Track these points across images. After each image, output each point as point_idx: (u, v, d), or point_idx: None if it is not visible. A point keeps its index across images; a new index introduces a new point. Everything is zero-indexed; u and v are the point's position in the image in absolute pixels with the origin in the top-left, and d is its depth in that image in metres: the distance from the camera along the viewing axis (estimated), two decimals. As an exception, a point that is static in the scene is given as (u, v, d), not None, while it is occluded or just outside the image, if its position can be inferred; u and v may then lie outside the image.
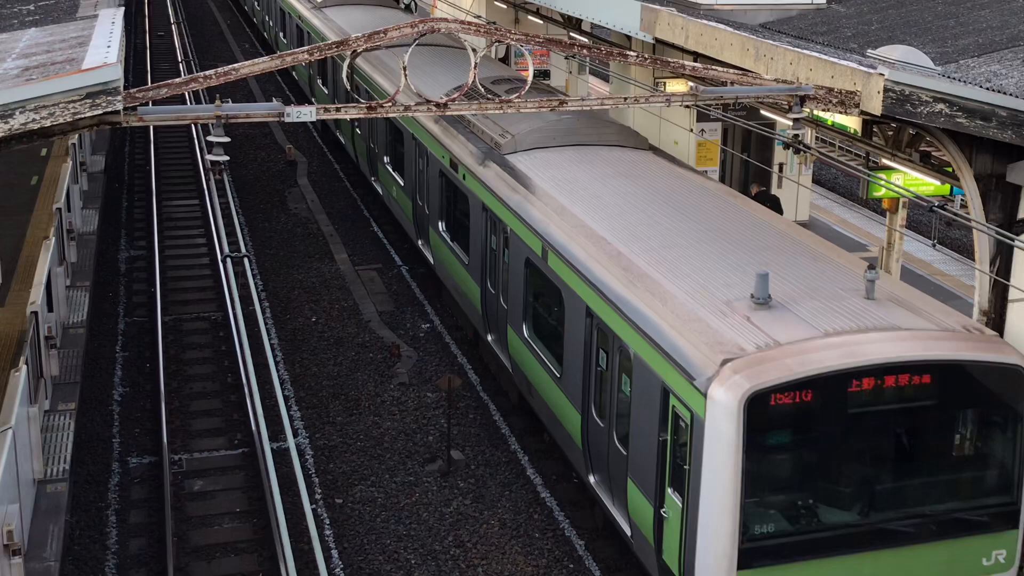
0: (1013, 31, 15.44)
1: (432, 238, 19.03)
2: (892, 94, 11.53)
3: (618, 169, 15.31)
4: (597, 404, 12.38)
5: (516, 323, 14.84)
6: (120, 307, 19.97)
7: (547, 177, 15.03)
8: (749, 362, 9.82)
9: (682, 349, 10.41)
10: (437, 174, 18.35)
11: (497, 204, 15.28)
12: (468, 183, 16.54)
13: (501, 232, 15.22)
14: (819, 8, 18.97)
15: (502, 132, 16.65)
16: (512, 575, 12.55)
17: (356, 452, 15.13)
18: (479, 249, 16.23)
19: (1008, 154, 12.12)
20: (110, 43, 11.76)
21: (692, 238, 12.72)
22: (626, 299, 11.59)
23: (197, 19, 54.93)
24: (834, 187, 29.20)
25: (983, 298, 12.58)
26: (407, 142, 20.45)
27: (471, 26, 11.74)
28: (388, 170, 22.30)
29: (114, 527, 13.37)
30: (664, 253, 12.31)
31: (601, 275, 12.20)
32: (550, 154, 16.00)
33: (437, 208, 18.54)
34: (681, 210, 13.65)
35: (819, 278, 11.47)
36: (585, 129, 16.50)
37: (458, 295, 17.91)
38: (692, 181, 15.06)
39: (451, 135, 17.83)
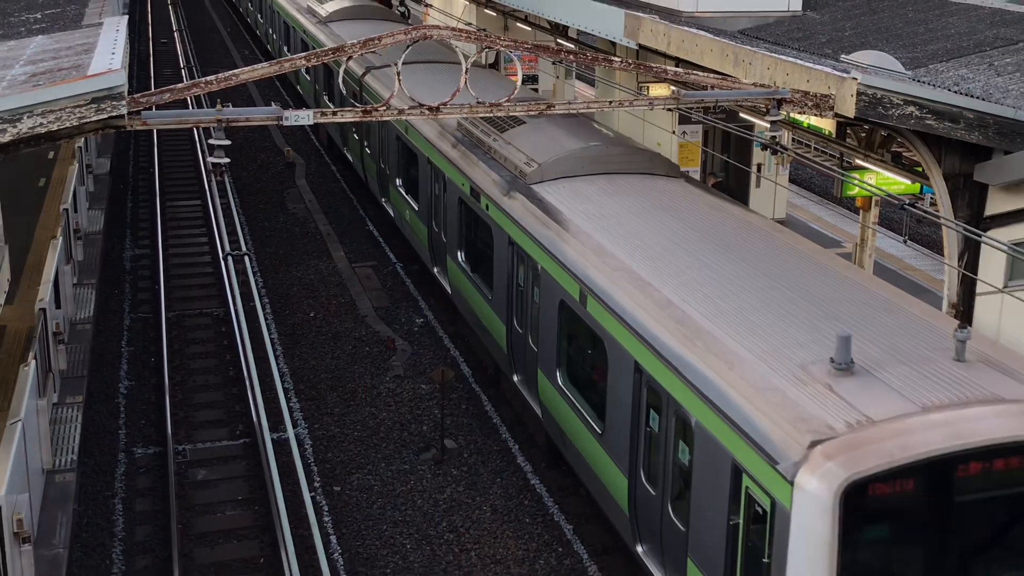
0: (980, 37, 15.49)
1: (450, 267, 17.50)
2: (865, 97, 11.57)
3: (655, 201, 13.69)
4: (647, 469, 10.83)
5: (548, 368, 13.30)
6: (125, 304, 19.92)
7: (579, 211, 13.46)
8: (842, 445, 8.23)
9: (757, 424, 8.84)
10: (456, 201, 16.81)
11: (525, 239, 13.82)
12: (492, 214, 15.03)
13: (531, 269, 13.75)
14: (795, 15, 19.00)
15: (527, 160, 15.07)
16: (504, 559, 12.57)
17: (353, 442, 15.12)
18: (504, 284, 14.72)
19: (975, 154, 12.17)
20: (114, 50, 11.73)
21: (748, 284, 11.06)
22: (684, 358, 9.98)
23: (198, 27, 54.77)
24: (810, 186, 29.25)
25: (952, 292, 12.62)
26: (422, 165, 18.91)
27: (462, 33, 11.74)
28: (400, 192, 20.76)
29: (121, 515, 13.35)
30: (721, 304, 10.65)
31: (652, 328, 10.63)
32: (580, 184, 14.40)
33: (456, 237, 16.97)
34: (729, 249, 12.04)
35: (899, 334, 9.82)
36: (615, 157, 14.96)
37: (479, 329, 16.38)
38: (734, 215, 13.37)
39: (471, 161, 16.34)
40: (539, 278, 13.46)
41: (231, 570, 12.31)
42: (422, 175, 18.88)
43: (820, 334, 9.80)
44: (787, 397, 8.88)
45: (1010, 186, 11.89)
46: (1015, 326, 11.81)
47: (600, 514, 12.63)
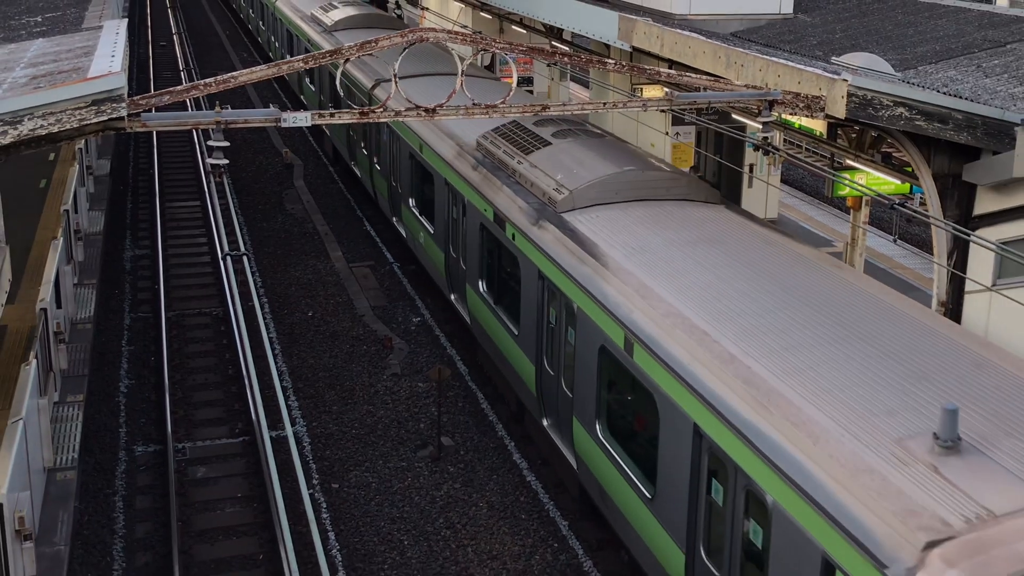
0: (968, 39, 15.49)
1: (470, 297, 16.22)
2: (855, 99, 11.56)
3: (698, 232, 12.36)
4: (707, 545, 9.60)
5: (586, 417, 12.03)
6: (126, 303, 19.87)
7: (618, 244, 12.18)
8: (965, 548, 6.86)
9: (855, 514, 7.52)
10: (477, 227, 15.52)
11: (558, 274, 12.58)
12: (519, 244, 13.78)
13: (564, 307, 12.52)
14: (786, 18, 18.99)
15: (557, 186, 13.78)
16: (500, 554, 12.55)
17: (351, 439, 15.10)
18: (533, 321, 13.51)
19: (964, 155, 12.17)
20: (114, 53, 11.69)
21: (816, 334, 9.66)
22: (757, 427, 8.67)
23: (197, 30, 54.69)
24: (801, 186, 29.27)
25: (941, 290, 12.62)
26: (438, 187, 17.59)
27: (458, 35, 11.71)
28: (414, 214, 19.39)
29: (121, 512, 13.32)
30: (790, 358, 9.28)
31: (715, 388, 9.30)
32: (615, 213, 13.09)
33: (477, 265, 15.68)
34: (788, 290, 10.65)
35: (999, 398, 8.44)
36: (651, 182, 13.65)
37: (502, 364, 15.17)
38: (786, 247, 11.95)
39: (494, 186, 15.09)
40: (575, 318, 12.15)
41: (231, 566, 12.28)
42: (439, 197, 17.57)
43: (911, 398, 8.41)
44: (888, 482, 7.55)
45: (998, 186, 11.89)
46: (1003, 324, 11.81)
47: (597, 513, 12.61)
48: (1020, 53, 14.30)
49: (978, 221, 12.27)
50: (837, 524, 7.60)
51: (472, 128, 17.18)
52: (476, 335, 16.40)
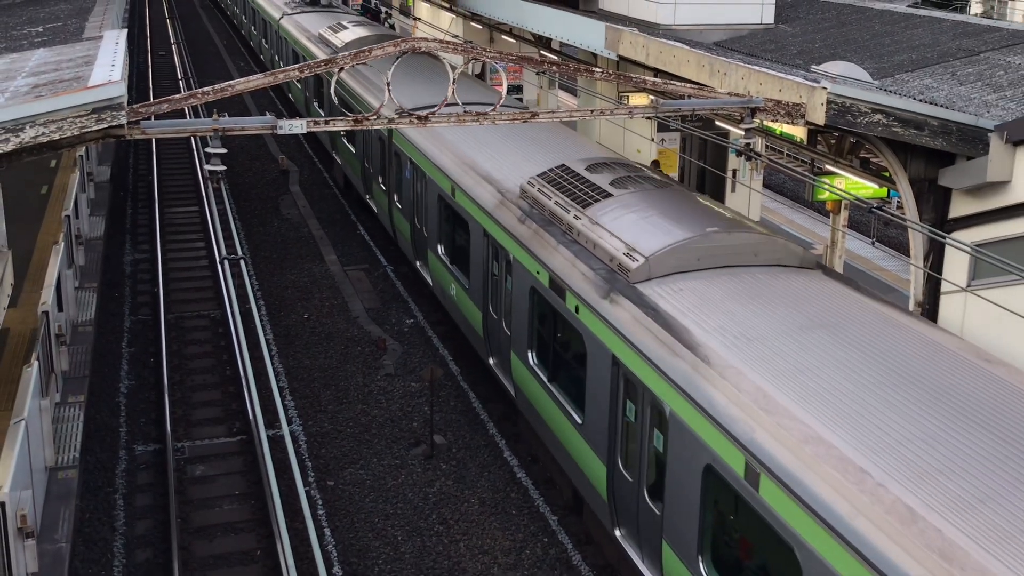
0: (943, 48, 15.57)
1: (516, 367, 13.85)
2: (834, 106, 11.62)
3: (809, 312, 10.01)
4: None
5: (683, 547, 9.54)
6: (126, 306, 19.83)
7: (714, 328, 9.85)
8: None
9: None
10: (526, 291, 13.25)
11: (639, 363, 10.23)
12: (584, 319, 11.48)
13: (649, 405, 10.14)
14: (767, 28, 19.06)
15: (627, 250, 11.43)
16: (491, 549, 12.56)
17: (346, 438, 15.09)
18: (604, 413, 11.10)
19: (939, 160, 12.23)
20: (114, 62, 11.67)
21: (1008, 470, 7.36)
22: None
23: (195, 40, 54.59)
24: (782, 191, 29.35)
25: (918, 291, 12.68)
26: (475, 236, 15.26)
27: (449, 45, 11.73)
28: (443, 262, 17.04)
29: (122, 510, 13.28)
30: (990, 516, 6.88)
31: (893, 557, 6.88)
32: (700, 284, 10.80)
33: (526, 333, 13.36)
34: (947, 400, 8.30)
35: None
36: (738, 245, 11.29)
37: (560, 454, 12.71)
38: (917, 333, 9.65)
39: (547, 245, 12.77)
40: (665, 422, 9.76)
41: (229, 562, 12.26)
42: (476, 248, 15.22)
43: None
44: None
45: (972, 190, 11.95)
46: (978, 324, 11.87)
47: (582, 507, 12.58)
48: (993, 62, 14.38)
49: (953, 224, 12.34)
50: None
51: (513, 171, 15.20)
52: (521, 408, 14.05)
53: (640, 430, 10.38)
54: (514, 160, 15.74)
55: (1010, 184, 11.59)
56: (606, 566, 12.22)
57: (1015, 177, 11.53)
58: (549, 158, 15.62)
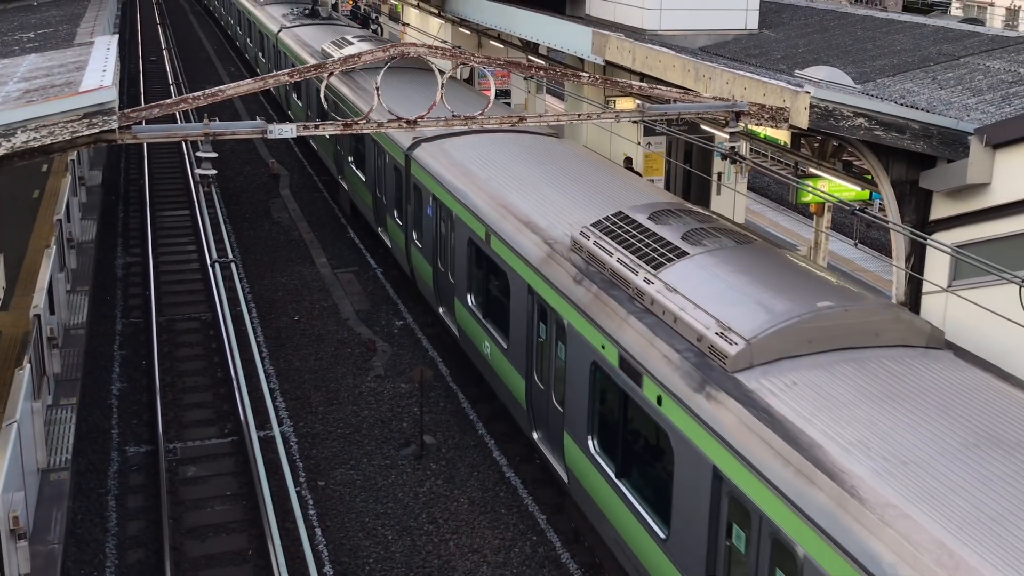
0: (924, 53, 15.65)
1: (571, 452, 11.74)
2: (817, 110, 11.66)
3: (964, 420, 7.96)
4: None
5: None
6: (117, 309, 19.77)
7: (854, 445, 7.75)
8: None
9: None
10: (587, 366, 11.15)
11: (758, 486, 8.12)
12: (671, 415, 9.39)
13: (774, 544, 7.98)
14: (752, 33, 19.12)
15: (721, 329, 9.39)
16: (481, 548, 12.56)
17: (337, 439, 15.07)
18: (702, 535, 8.99)
19: (920, 162, 12.29)
20: (105, 67, 11.65)
21: None
22: None
23: (186, 45, 54.47)
24: (767, 193, 29.44)
25: (900, 291, 12.74)
26: (517, 291, 13.18)
27: (438, 50, 11.74)
28: (475, 315, 14.94)
29: (114, 511, 13.24)
30: None
31: None
32: (816, 375, 8.75)
33: (585, 414, 11.30)
34: None
35: None
36: (856, 323, 9.23)
37: (622, 552, 10.79)
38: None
39: (613, 314, 10.70)
40: (799, 568, 7.64)
41: (220, 562, 12.23)
42: (517, 305, 13.25)
43: None
44: None
45: (953, 192, 12.02)
46: (959, 323, 11.93)
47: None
48: (973, 66, 14.46)
49: (934, 226, 12.40)
50: None
51: (560, 216, 13.31)
52: (577, 499, 11.98)
53: (756, 567, 8.19)
54: (559, 202, 13.72)
55: (990, 186, 11.65)
56: (593, 564, 12.24)
57: (995, 179, 11.60)
58: (600, 201, 13.54)
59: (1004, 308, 10.48)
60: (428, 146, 17.37)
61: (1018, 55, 14.61)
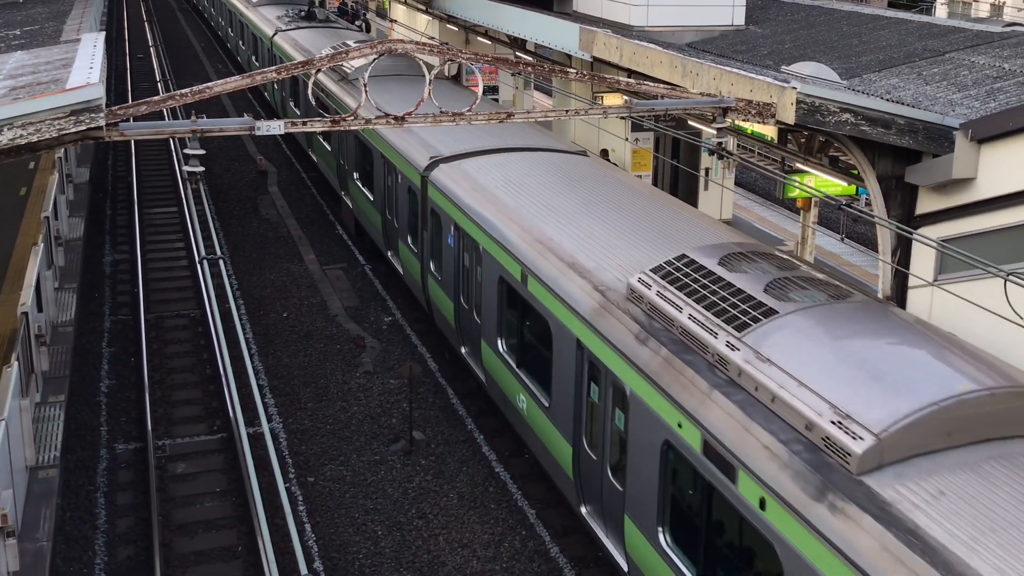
0: (909, 49, 15.67)
1: (635, 544, 10.10)
2: (804, 105, 11.66)
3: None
4: None
5: None
6: (106, 306, 19.66)
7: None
8: None
9: None
10: (659, 446, 9.38)
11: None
12: (777, 523, 7.70)
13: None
14: (738, 29, 19.12)
15: (839, 418, 7.64)
16: (471, 542, 12.54)
17: (326, 435, 15.02)
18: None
19: (906, 157, 12.31)
20: (92, 64, 11.57)
21: None
22: None
23: (173, 42, 54.21)
24: (754, 188, 29.47)
25: (886, 285, 12.76)
26: (561, 342, 11.57)
27: (426, 46, 11.69)
28: (506, 362, 13.39)
29: (103, 508, 13.17)
30: None
31: None
32: (959, 477, 7.12)
33: (655, 500, 9.59)
34: None
35: None
36: (1003, 409, 7.55)
37: None
38: None
39: (690, 386, 9.02)
40: None
41: (210, 558, 12.19)
42: (562, 358, 11.59)
43: None
44: None
45: (938, 187, 12.03)
46: (944, 317, 11.96)
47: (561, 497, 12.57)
48: (958, 61, 14.49)
49: (920, 220, 12.42)
50: None
51: (610, 257, 11.67)
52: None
53: None
54: (605, 238, 12.19)
55: (975, 181, 11.67)
56: (582, 557, 12.22)
57: (979, 174, 11.62)
58: (651, 237, 12.07)
59: (989, 302, 10.50)
60: (447, 167, 15.86)
61: (1002, 50, 14.65)
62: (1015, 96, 12.42)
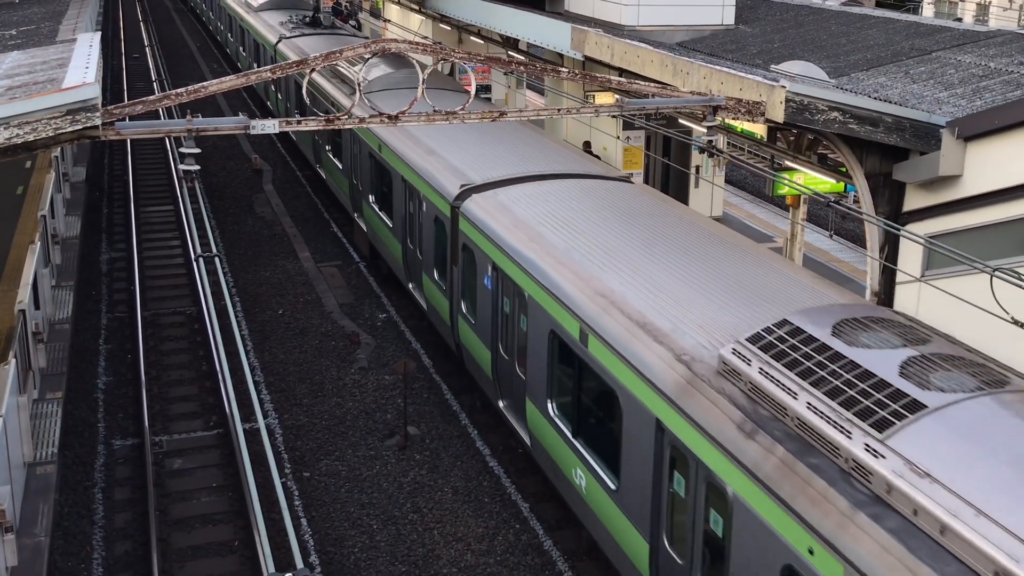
0: (896, 48, 15.74)
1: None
2: (793, 104, 11.71)
3: None
4: None
5: None
6: (102, 304, 19.66)
7: None
8: None
9: None
10: (779, 570, 7.52)
11: None
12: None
13: None
14: (728, 29, 19.17)
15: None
16: (465, 536, 12.58)
17: (321, 430, 15.06)
18: None
19: (894, 155, 12.36)
20: (88, 64, 11.57)
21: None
22: None
23: (169, 42, 54.11)
24: (744, 186, 29.53)
25: (874, 281, 12.82)
26: (633, 420, 9.77)
27: (419, 46, 11.71)
28: (560, 431, 11.62)
29: (100, 504, 13.19)
30: None
31: None
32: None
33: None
34: None
35: None
36: None
37: None
38: None
39: (828, 504, 7.09)
40: None
41: (207, 552, 12.22)
42: (635, 438, 9.77)
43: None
44: None
45: (925, 184, 12.10)
46: (931, 312, 12.02)
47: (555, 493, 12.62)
48: (944, 60, 14.55)
49: (907, 217, 12.48)
50: None
51: (691, 318, 9.90)
52: None
53: None
54: (679, 293, 10.41)
55: (961, 178, 11.74)
56: (576, 551, 12.28)
57: (966, 171, 11.69)
58: (739, 292, 10.36)
59: (976, 297, 10.57)
60: (480, 198, 14.19)
61: (988, 49, 14.72)
62: (1000, 94, 12.49)
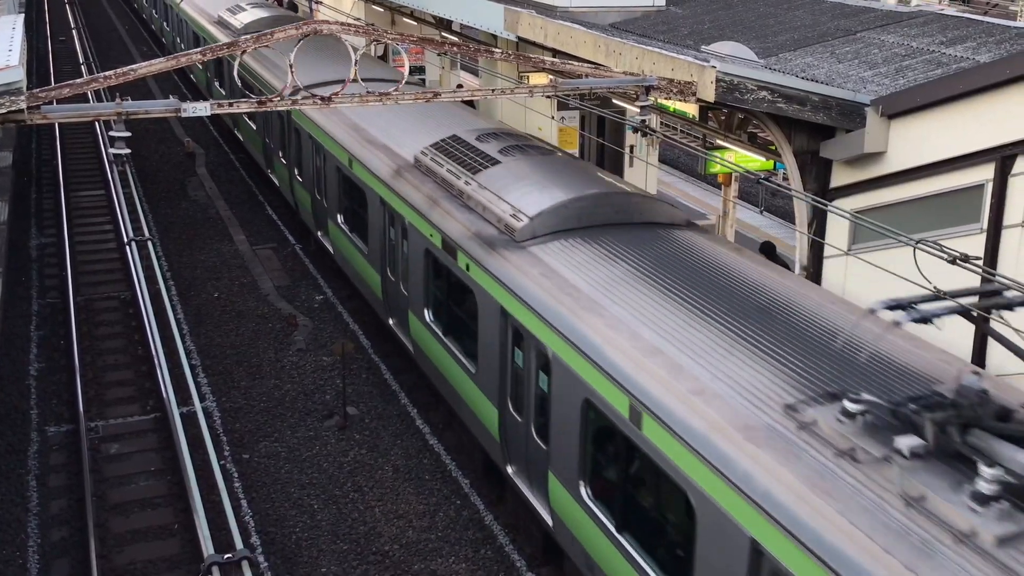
0: (823, 28, 15.98)
1: None
2: (723, 84, 11.84)
3: None
4: None
5: None
6: (33, 290, 19.20)
7: None
8: None
9: None
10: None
11: None
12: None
13: None
14: (659, 10, 19.28)
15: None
16: (406, 513, 12.59)
17: (260, 412, 14.92)
18: None
19: (821, 133, 12.58)
20: (11, 47, 11.27)
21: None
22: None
23: (96, 25, 52.80)
24: (677, 165, 29.81)
25: (803, 256, 13.05)
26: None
27: (351, 27, 11.59)
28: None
29: (35, 491, 12.92)
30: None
31: None
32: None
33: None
34: None
35: None
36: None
37: None
38: None
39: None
40: None
41: (146, 536, 12.05)
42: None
43: None
44: None
45: (851, 161, 12.33)
46: (858, 285, 12.29)
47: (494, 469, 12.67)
48: (869, 40, 14.82)
49: (834, 193, 12.72)
50: None
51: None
52: None
53: None
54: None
55: (885, 155, 11.99)
56: (516, 524, 12.36)
57: (890, 148, 11.94)
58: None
59: (900, 269, 10.81)
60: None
61: (910, 29, 15.02)
62: (923, 73, 12.76)
